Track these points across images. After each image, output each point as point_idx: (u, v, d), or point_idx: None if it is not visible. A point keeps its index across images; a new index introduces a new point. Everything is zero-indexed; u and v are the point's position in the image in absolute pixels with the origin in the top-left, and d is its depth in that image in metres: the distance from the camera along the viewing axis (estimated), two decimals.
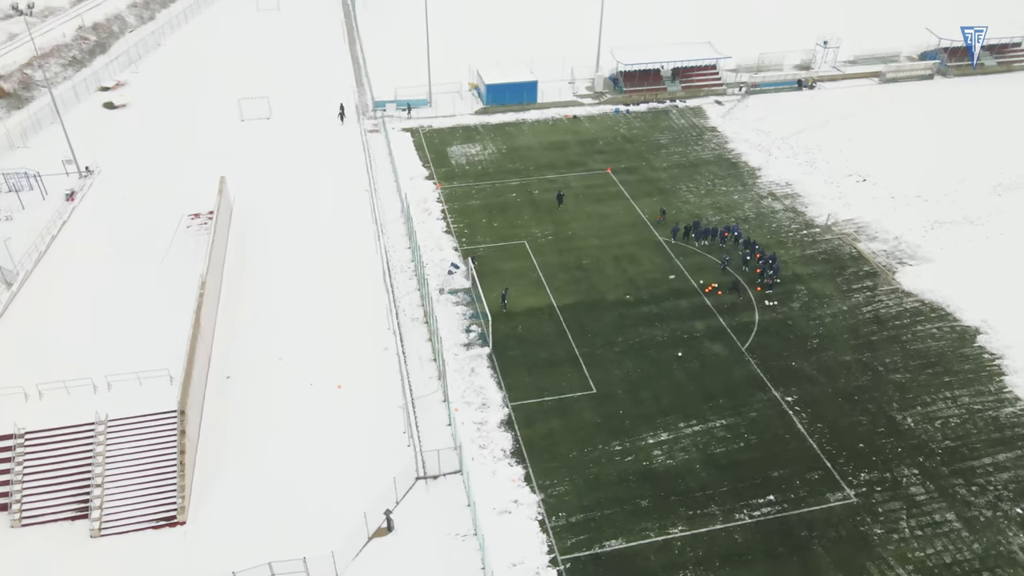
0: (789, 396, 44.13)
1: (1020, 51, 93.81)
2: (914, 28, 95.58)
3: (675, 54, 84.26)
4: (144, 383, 41.14)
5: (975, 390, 44.91)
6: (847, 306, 51.67)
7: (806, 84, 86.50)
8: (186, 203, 61.63)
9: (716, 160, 70.85)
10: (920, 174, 67.77)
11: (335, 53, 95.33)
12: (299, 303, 50.92)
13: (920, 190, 65.43)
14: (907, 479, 39.22)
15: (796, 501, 37.98)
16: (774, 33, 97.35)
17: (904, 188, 65.75)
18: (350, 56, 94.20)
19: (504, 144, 73.30)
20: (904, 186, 66.02)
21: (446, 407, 43.13)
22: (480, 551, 35.30)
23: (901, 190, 65.46)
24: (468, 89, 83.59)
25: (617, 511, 37.48)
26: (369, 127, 75.89)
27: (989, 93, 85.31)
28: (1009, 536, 36.29)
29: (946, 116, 79.26)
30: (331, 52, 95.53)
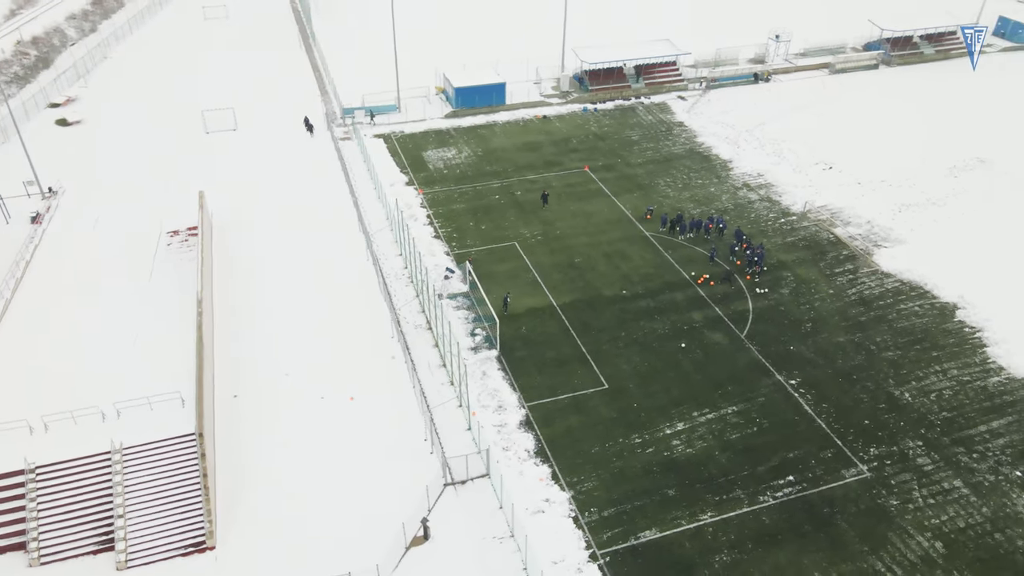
0: (792, 379, 45.69)
1: (955, 39, 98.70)
2: (857, 20, 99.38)
3: (637, 52, 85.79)
4: (155, 408, 39.89)
5: (962, 362, 47.36)
6: (833, 289, 53.73)
7: (762, 77, 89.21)
8: (161, 220, 59.84)
9: (688, 154, 72.52)
10: (881, 160, 70.81)
11: (293, 61, 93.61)
12: (297, 317, 50.09)
13: (884, 175, 68.38)
14: (913, 451, 41.13)
15: (814, 480, 39.42)
16: (727, 28, 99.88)
17: (868, 174, 68.60)
18: (309, 64, 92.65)
19: (479, 147, 73.42)
20: (868, 172, 68.88)
21: (462, 412, 43.15)
22: (519, 552, 35.56)
23: (866, 176, 68.28)
24: (436, 93, 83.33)
25: (647, 502, 38.23)
26: (340, 135, 74.90)
27: (932, 80, 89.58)
28: (1013, 498, 38.47)
29: (896, 103, 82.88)
30: (289, 60, 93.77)
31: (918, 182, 67.22)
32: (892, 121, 78.46)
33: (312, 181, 66.47)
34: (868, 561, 35.42)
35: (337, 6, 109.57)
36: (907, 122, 78.20)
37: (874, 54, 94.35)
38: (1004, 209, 62.81)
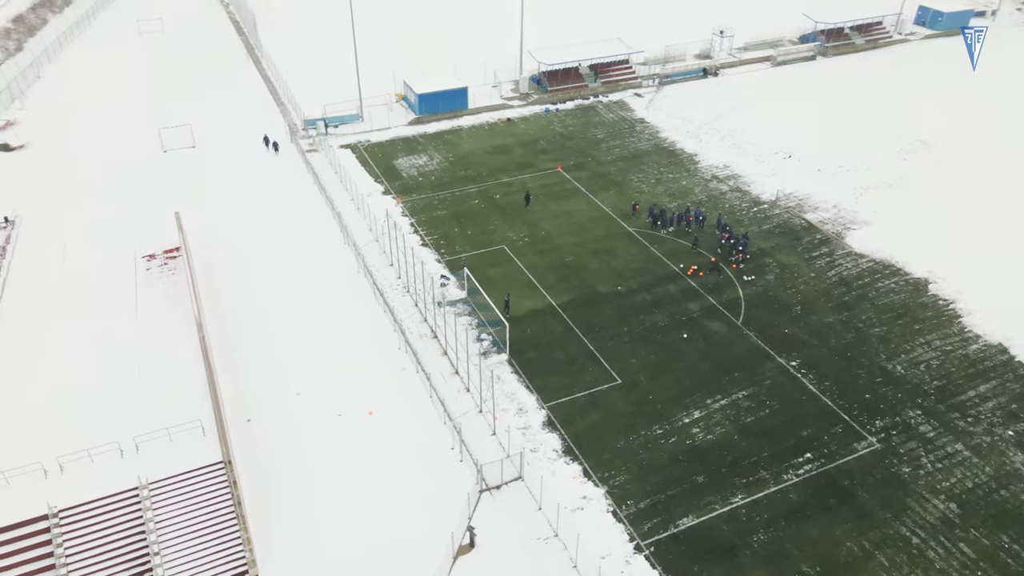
0: (793, 361, 47.66)
1: (882, 28, 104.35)
2: (792, 14, 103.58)
3: (591, 52, 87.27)
4: (175, 438, 38.53)
5: (942, 333, 50.39)
6: (814, 272, 56.22)
7: (711, 72, 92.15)
8: (133, 245, 57.63)
9: (655, 150, 74.36)
10: (834, 146, 74.31)
11: (242, 74, 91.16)
12: (297, 335, 49.11)
13: (839, 161, 71.81)
14: (914, 420, 43.60)
15: (830, 455, 41.33)
16: (673, 26, 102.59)
17: (825, 161, 71.88)
18: (260, 76, 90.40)
19: (450, 152, 73.35)
20: (824, 159, 72.19)
21: (483, 419, 43.28)
22: (565, 551, 36.04)
23: (823, 163, 71.54)
24: (396, 100, 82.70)
25: (679, 490, 39.30)
26: (305, 147, 73.52)
27: (867, 68, 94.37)
28: (1010, 456, 41.30)
29: (838, 92, 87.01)
30: (237, 73, 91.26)
31: (873, 166, 70.88)
32: (836, 109, 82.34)
33: (285, 197, 65.07)
34: (893, 527, 37.43)
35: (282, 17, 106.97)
36: (850, 110, 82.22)
37: (811, 46, 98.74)
38: (954, 188, 66.91)
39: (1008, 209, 63.29)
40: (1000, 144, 74.32)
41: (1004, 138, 75.48)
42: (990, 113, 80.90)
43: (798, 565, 35.65)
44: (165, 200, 63.61)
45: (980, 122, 78.87)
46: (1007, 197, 65.02)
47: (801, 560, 35.88)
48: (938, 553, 36.23)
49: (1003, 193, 65.70)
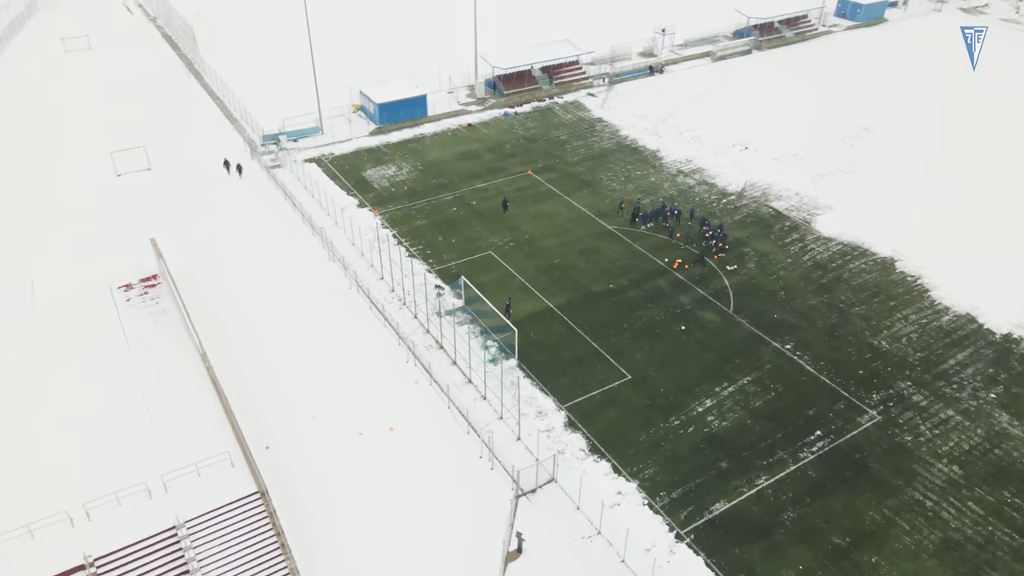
0: (787, 344, 49.93)
1: (808, 22, 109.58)
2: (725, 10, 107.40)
3: (542, 54, 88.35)
4: (202, 473, 37.29)
5: (915, 307, 53.74)
6: (790, 258, 58.91)
7: (657, 69, 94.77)
8: (105, 275, 55.15)
9: (618, 148, 76.06)
10: (785, 136, 77.81)
11: (186, 91, 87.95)
12: (299, 357, 48.21)
13: (792, 150, 75.26)
14: (906, 391, 46.45)
15: (838, 431, 43.60)
16: (615, 25, 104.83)
17: (779, 150, 75.20)
18: (205, 92, 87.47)
19: (417, 161, 73.03)
20: (778, 149, 75.51)
21: (504, 425, 43.63)
22: (610, 547, 36.87)
23: (778, 152, 74.82)
24: (354, 111, 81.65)
25: (706, 477, 40.73)
26: (268, 163, 71.78)
27: (801, 60, 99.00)
28: (997, 417, 44.58)
29: (777, 84, 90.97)
30: (180, 90, 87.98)
31: (824, 153, 74.61)
32: (779, 101, 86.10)
33: (259, 216, 63.46)
34: (907, 493, 39.89)
35: (222, 31, 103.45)
36: (791, 100, 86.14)
37: (746, 40, 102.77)
38: (900, 169, 71.20)
39: (954, 186, 67.85)
40: (934, 125, 79.41)
41: (937, 119, 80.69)
42: (919, 96, 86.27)
43: (829, 538, 37.58)
44: (129, 226, 61.10)
45: (912, 106, 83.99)
46: (950, 175, 69.68)
47: (831, 533, 37.83)
48: (950, 513, 38.85)
49: (946, 171, 70.36)
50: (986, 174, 69.98)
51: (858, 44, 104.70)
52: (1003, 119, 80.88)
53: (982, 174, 69.97)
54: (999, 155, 73.37)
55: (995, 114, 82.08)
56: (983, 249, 59.19)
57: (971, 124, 79.84)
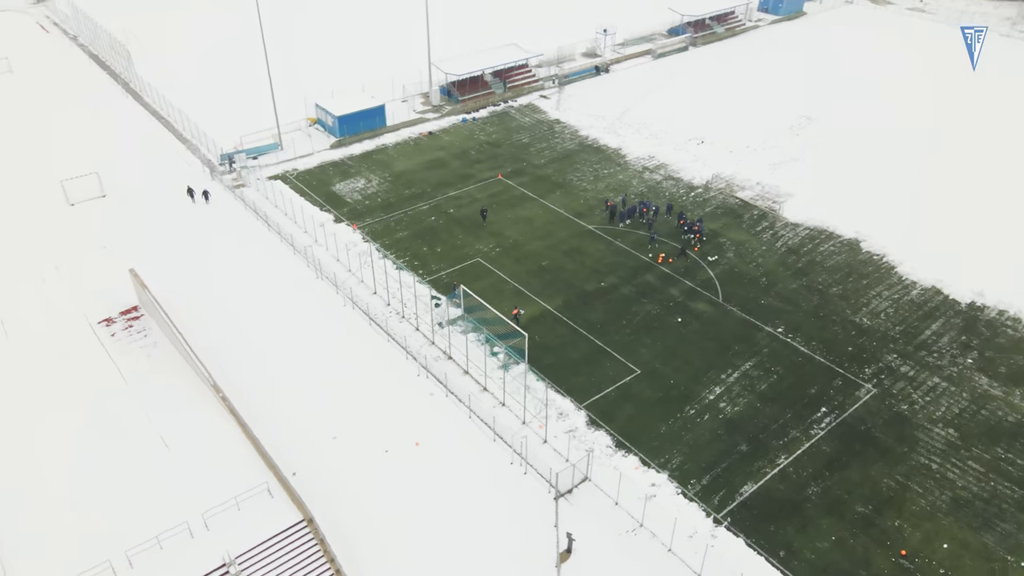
0: (779, 328, 52.35)
1: (736, 18, 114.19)
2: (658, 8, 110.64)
3: (493, 59, 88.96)
4: (242, 507, 36.26)
5: (886, 284, 57.23)
6: (764, 246, 61.63)
7: (602, 69, 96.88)
8: (79, 310, 52.62)
9: (581, 148, 77.50)
10: (735, 129, 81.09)
11: (123, 110, 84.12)
12: (306, 380, 47.32)
13: (745, 142, 78.53)
14: (893, 362, 49.54)
15: (841, 406, 46.14)
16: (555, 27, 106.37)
17: (733, 142, 78.33)
18: (146, 112, 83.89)
19: (385, 172, 72.41)
20: (732, 141, 78.63)
21: (528, 429, 44.13)
22: (654, 537, 37.99)
23: (732, 144, 77.92)
24: (310, 125, 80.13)
25: (730, 462, 42.41)
26: (231, 183, 69.68)
27: (734, 54, 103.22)
28: (976, 379, 48.15)
29: (717, 78, 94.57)
30: (117, 110, 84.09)
31: (776, 143, 78.18)
32: (723, 94, 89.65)
33: (234, 237, 61.65)
34: (913, 458, 42.67)
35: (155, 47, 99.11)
36: (734, 93, 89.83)
37: (683, 38, 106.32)
38: (847, 154, 75.44)
39: (900, 166, 72.41)
40: (870, 110, 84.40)
41: (870, 104, 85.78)
42: (850, 84, 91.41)
43: (854, 507, 39.83)
44: (94, 258, 58.41)
45: (846, 93, 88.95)
46: (894, 156, 74.32)
47: (854, 502, 40.10)
48: (955, 473, 41.82)
49: (889, 153, 74.99)
50: (927, 153, 74.99)
51: (782, 37, 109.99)
52: (928, 99, 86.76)
53: (924, 154, 74.94)
54: (934, 135, 78.72)
55: (921, 95, 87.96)
56: (937, 224, 63.60)
57: (903, 106, 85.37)
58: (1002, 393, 47.17)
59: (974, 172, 72.03)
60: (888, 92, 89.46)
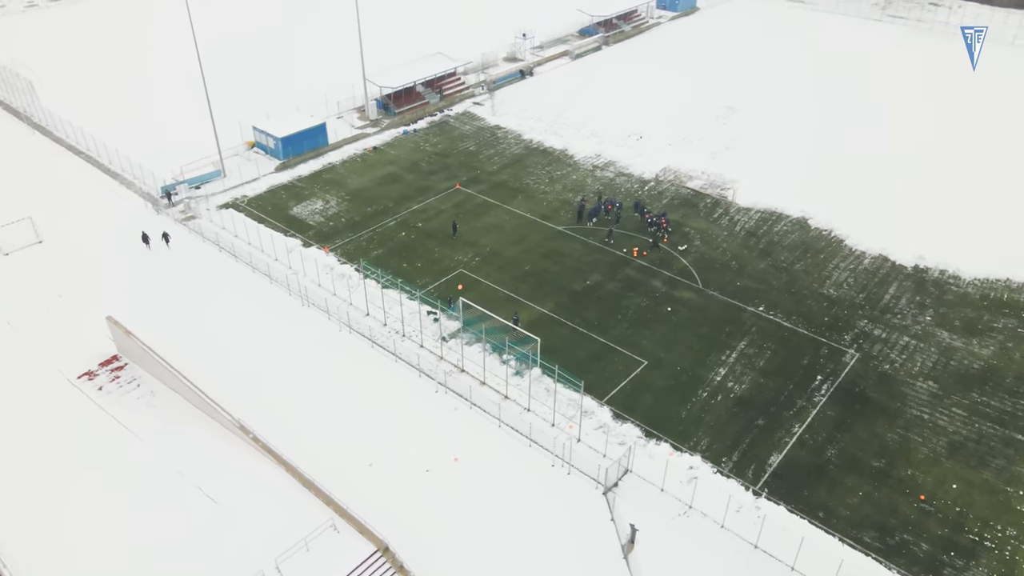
0: (760, 307, 55.84)
1: (640, 16, 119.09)
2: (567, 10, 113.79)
3: (423, 69, 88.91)
4: (311, 547, 35.28)
5: (840, 256, 62.11)
6: (726, 231, 65.32)
7: (527, 73, 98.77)
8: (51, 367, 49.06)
9: (529, 152, 78.96)
10: (668, 122, 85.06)
11: (37, 149, 77.98)
12: (326, 412, 46.29)
13: (680, 134, 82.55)
14: (866, 327, 54.04)
15: (834, 372, 49.97)
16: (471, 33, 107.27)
17: (669, 136, 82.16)
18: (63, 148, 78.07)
19: (340, 191, 71.08)
20: (667, 134, 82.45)
21: (558, 431, 45.18)
22: (705, 517, 40.06)
23: (669, 138, 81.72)
24: (248, 148, 77.32)
25: (752, 436, 45.15)
26: (179, 216, 66.34)
27: (645, 51, 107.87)
28: (939, 335, 53.35)
29: (635, 75, 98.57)
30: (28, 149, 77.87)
31: (708, 134, 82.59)
32: (646, 90, 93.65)
33: (202, 275, 58.83)
34: (906, 412, 46.91)
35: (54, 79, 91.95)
36: (657, 88, 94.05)
37: (596, 38, 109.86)
38: (774, 138, 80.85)
39: (827, 146, 78.37)
40: (786, 96, 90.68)
41: (785, 90, 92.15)
42: (760, 73, 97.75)
43: (869, 463, 43.44)
44: (49, 308, 54.57)
45: (757, 82, 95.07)
46: (816, 135, 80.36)
47: (868, 458, 43.72)
48: (945, 420, 46.36)
49: (811, 133, 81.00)
50: (841, 130, 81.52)
51: (685, 32, 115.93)
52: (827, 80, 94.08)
53: (838, 131, 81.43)
54: (842, 112, 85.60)
55: (820, 78, 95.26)
56: (869, 196, 69.50)
57: (808, 89, 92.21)
58: (963, 344, 52.52)
59: (883, 143, 79.01)
60: (791, 77, 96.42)
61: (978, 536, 39.37)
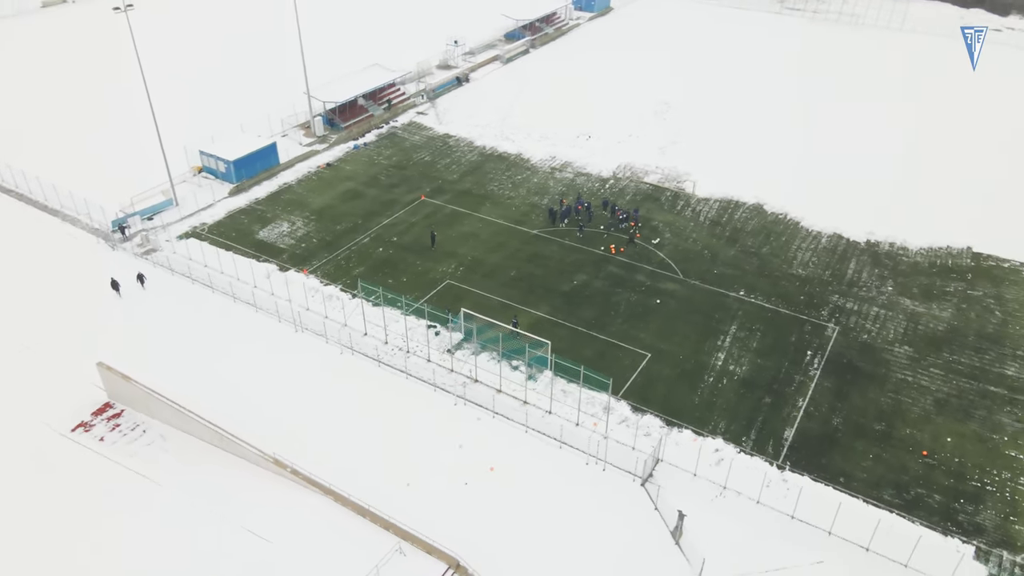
0: (740, 292, 58.78)
1: (559, 18, 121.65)
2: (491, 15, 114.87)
3: (365, 82, 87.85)
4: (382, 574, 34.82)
5: (800, 237, 66.10)
6: (692, 222, 68.20)
7: (463, 79, 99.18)
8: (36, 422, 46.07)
9: (486, 158, 79.52)
10: (611, 120, 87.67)
11: None
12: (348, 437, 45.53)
13: (627, 131, 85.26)
14: (838, 302, 57.90)
15: (820, 346, 53.35)
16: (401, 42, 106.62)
17: (616, 134, 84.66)
18: None
19: (304, 211, 69.40)
20: (614, 133, 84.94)
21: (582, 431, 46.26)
22: (739, 495, 42.18)
23: (617, 136, 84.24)
24: (195, 174, 74.19)
25: (762, 414, 47.72)
26: (137, 250, 63.05)
27: (574, 51, 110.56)
28: (903, 303, 57.84)
29: (567, 75, 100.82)
30: None
31: (652, 130, 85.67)
32: (582, 89, 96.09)
33: (178, 308, 56.29)
34: (892, 377, 50.73)
35: None
36: (592, 87, 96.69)
37: (523, 41, 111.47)
38: (713, 130, 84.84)
39: (765, 134, 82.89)
40: (710, 88, 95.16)
41: (708, 82, 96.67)
42: (689, 68, 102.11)
43: (872, 426, 46.82)
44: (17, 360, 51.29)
45: (689, 76, 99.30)
46: (752, 124, 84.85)
47: (870, 422, 47.09)
48: (927, 380, 50.47)
49: (747, 122, 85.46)
50: (775, 119, 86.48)
51: (604, 31, 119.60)
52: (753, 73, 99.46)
53: (772, 120, 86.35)
54: (772, 102, 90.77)
55: (745, 71, 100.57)
56: (813, 178, 74.22)
57: (735, 82, 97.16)
58: (925, 309, 57.18)
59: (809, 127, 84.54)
60: (712, 71, 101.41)
61: (979, 482, 43.26)
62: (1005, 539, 39.97)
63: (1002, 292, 59.04)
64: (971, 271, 61.47)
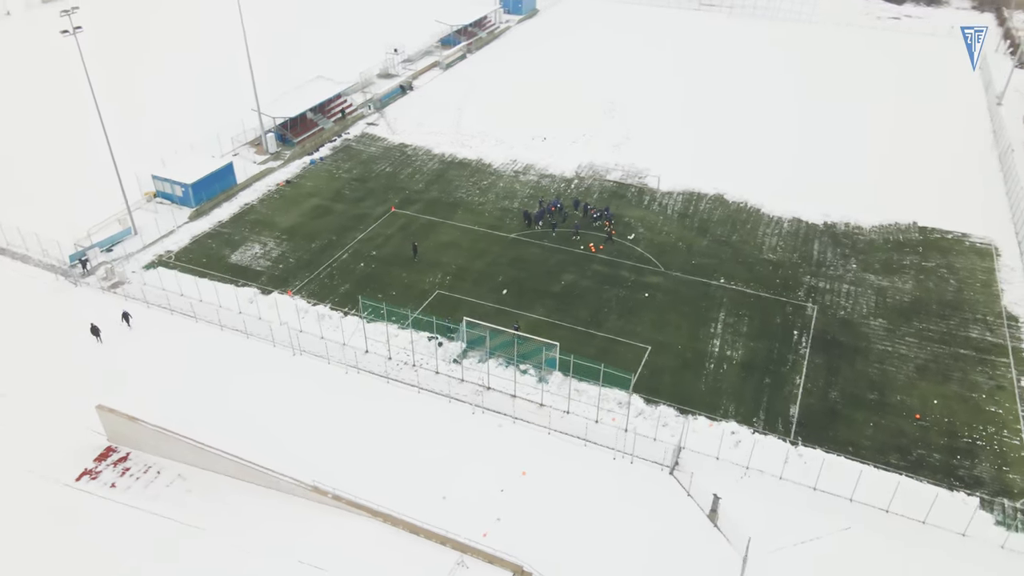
0: (721, 280, 61.27)
1: (491, 22, 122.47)
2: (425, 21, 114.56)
3: (312, 95, 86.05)
4: None
5: (764, 224, 69.40)
6: (661, 216, 70.44)
7: (407, 87, 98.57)
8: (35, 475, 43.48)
9: (448, 166, 79.46)
10: (563, 121, 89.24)
11: None
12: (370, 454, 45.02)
13: (580, 131, 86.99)
14: (812, 282, 61.23)
15: (804, 326, 56.32)
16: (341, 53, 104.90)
17: (570, 134, 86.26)
18: None
19: (274, 231, 67.54)
20: (568, 133, 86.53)
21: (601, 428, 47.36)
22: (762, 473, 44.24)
23: (572, 136, 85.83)
24: (149, 200, 70.92)
25: (768, 395, 50.06)
26: (103, 284, 59.86)
27: (509, 54, 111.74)
28: (868, 279, 61.67)
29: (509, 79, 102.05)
30: None
31: (606, 128, 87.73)
32: (527, 92, 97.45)
33: (162, 341, 53.89)
34: (876, 348, 54.10)
35: None
36: (536, 90, 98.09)
37: (461, 46, 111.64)
38: (662, 126, 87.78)
39: (710, 126, 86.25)
40: (650, 85, 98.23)
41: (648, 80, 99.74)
42: (627, 65, 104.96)
43: (866, 396, 49.91)
44: None
45: (628, 74, 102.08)
46: (699, 118, 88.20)
47: (864, 392, 50.18)
48: (904, 348, 54.14)
49: (691, 116, 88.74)
50: (717, 111, 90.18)
51: (534, 33, 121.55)
52: (687, 68, 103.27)
53: (715, 112, 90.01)
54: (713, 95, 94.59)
55: (680, 66, 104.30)
56: (762, 165, 77.91)
57: (673, 77, 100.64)
58: (889, 283, 61.22)
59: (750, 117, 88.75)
60: (648, 68, 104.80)
61: (970, 438, 46.89)
62: (1003, 488, 43.54)
63: (952, 261, 63.86)
64: (921, 244, 66.18)
